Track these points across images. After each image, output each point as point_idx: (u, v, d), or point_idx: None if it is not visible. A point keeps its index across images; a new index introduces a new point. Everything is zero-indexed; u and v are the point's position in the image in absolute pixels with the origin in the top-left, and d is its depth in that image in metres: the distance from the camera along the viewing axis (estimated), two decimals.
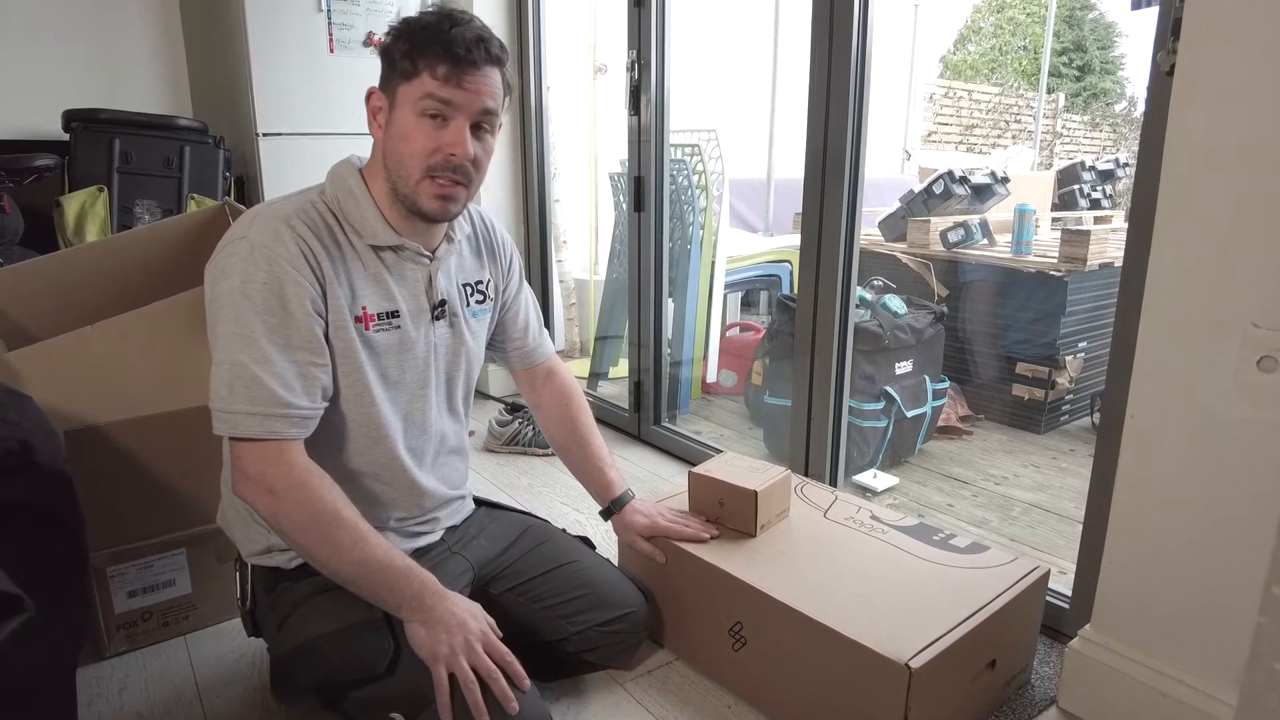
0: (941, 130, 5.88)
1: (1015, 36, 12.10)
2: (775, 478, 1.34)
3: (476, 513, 1.33)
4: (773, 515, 1.36)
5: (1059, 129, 6.68)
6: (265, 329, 0.95)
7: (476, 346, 1.21)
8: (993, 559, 1.30)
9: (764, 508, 1.32)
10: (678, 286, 2.65)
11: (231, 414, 0.95)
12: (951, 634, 1.10)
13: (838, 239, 1.73)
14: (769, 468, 1.38)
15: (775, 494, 1.34)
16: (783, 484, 1.36)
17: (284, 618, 1.06)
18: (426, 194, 1.02)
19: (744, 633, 1.25)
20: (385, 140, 1.03)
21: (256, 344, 0.95)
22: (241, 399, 0.95)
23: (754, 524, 1.31)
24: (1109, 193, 4.02)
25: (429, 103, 0.98)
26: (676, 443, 2.29)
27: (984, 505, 2.08)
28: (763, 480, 1.33)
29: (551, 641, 1.23)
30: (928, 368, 2.29)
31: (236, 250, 0.96)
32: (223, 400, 0.96)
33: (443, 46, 0.97)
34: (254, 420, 0.95)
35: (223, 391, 0.95)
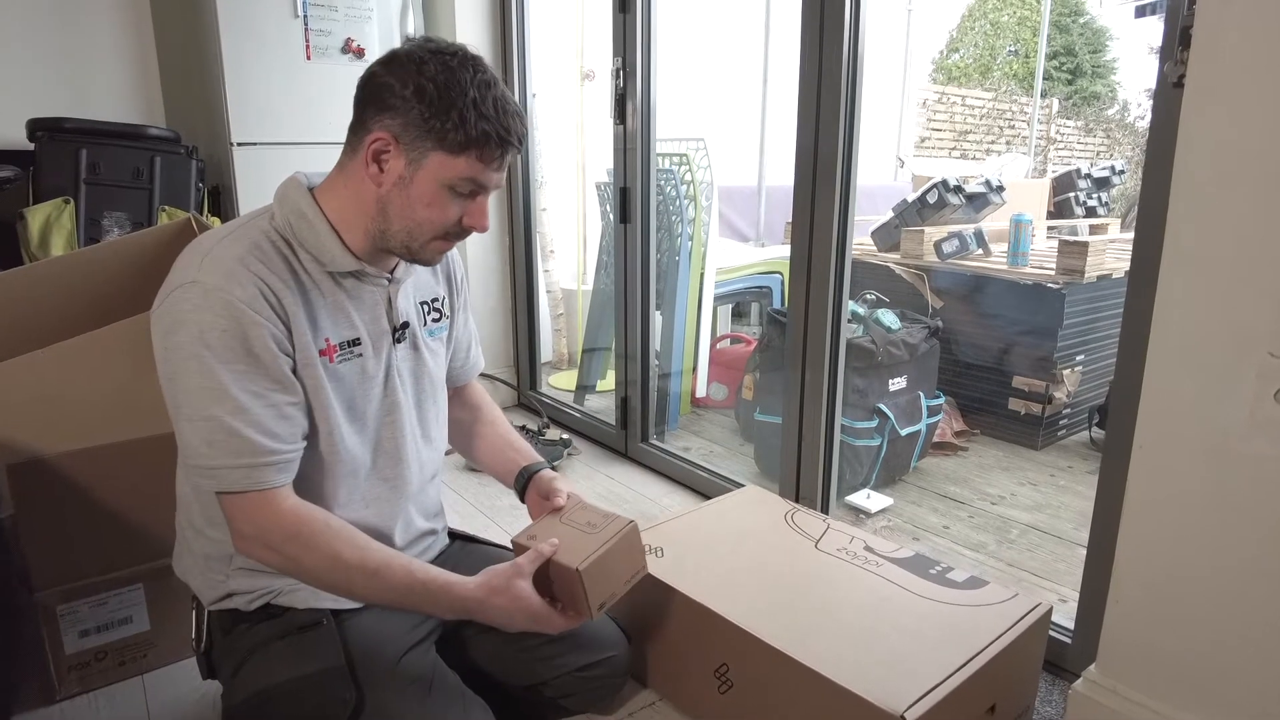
0: (935, 136, 5.84)
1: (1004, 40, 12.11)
2: (610, 541, 1.03)
3: (450, 548, 1.26)
4: (617, 586, 1.06)
5: (1052, 134, 6.65)
6: (233, 377, 0.89)
7: (437, 367, 1.15)
8: (992, 595, 1.23)
9: (595, 586, 1.01)
10: (666, 298, 2.58)
11: (215, 470, 0.90)
12: (949, 680, 1.04)
13: (829, 250, 1.67)
14: (611, 521, 1.07)
15: (612, 564, 1.04)
16: (623, 547, 1.05)
17: (239, 664, 0.99)
18: (433, 251, 1.00)
19: (730, 675, 1.18)
20: (392, 193, 0.95)
21: (228, 395, 0.89)
22: (222, 454, 0.89)
23: (587, 606, 1.01)
24: (1104, 200, 3.98)
25: (467, 184, 0.95)
26: (665, 461, 2.22)
27: (981, 527, 2.02)
28: (593, 547, 1.02)
29: (527, 686, 1.16)
30: (922, 383, 2.23)
31: (189, 297, 0.89)
32: (203, 457, 0.90)
33: (497, 131, 0.93)
34: (239, 474, 0.90)
35: (202, 449, 0.90)
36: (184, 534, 1.07)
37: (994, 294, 2.65)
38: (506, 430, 1.29)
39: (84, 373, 1.30)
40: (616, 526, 1.06)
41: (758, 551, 1.35)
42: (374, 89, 0.93)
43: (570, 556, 1.01)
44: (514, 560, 1.00)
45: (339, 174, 0.99)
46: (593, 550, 1.02)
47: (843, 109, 1.60)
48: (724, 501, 1.55)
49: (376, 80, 0.93)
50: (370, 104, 0.94)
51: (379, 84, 0.93)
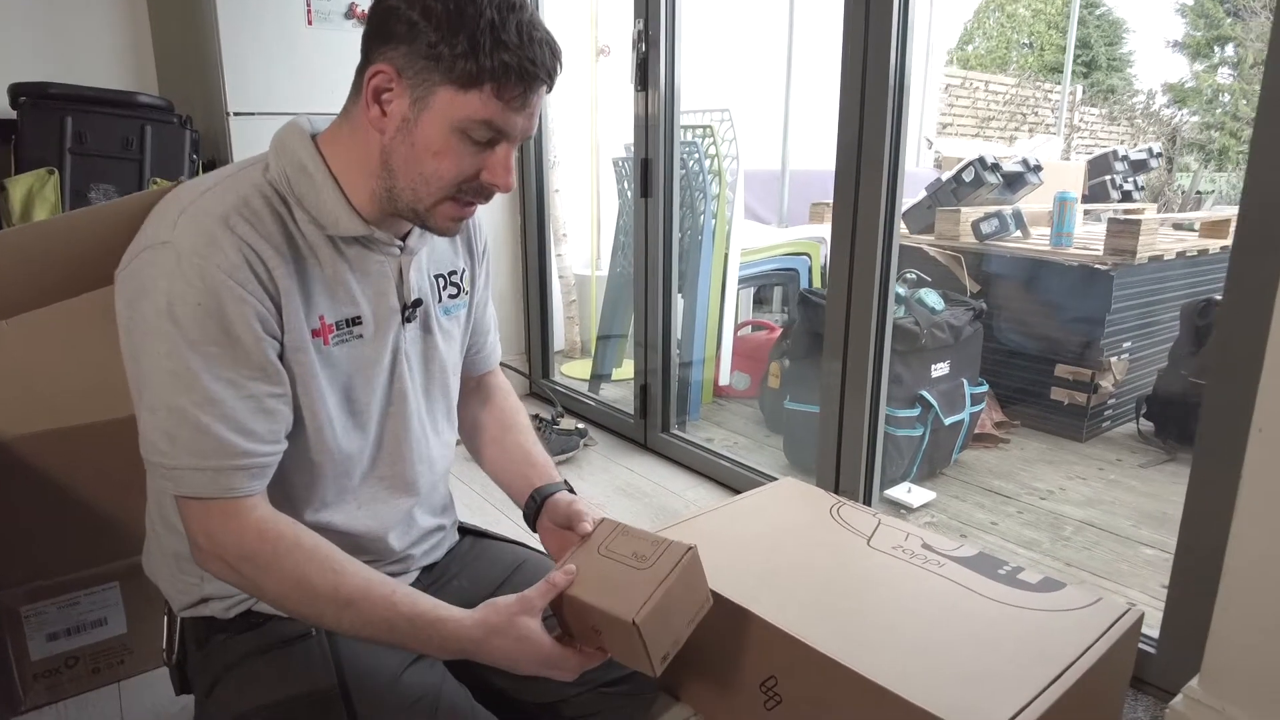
0: (957, 122, 5.68)
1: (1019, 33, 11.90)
2: (668, 577, 0.82)
3: (459, 545, 1.12)
4: (680, 630, 0.86)
5: (1076, 122, 6.47)
6: (205, 362, 0.74)
7: (451, 351, 0.99)
8: (1072, 599, 1.09)
9: (657, 637, 0.81)
10: (688, 280, 2.44)
11: (176, 471, 0.75)
12: (1039, 700, 0.89)
13: (875, 229, 1.52)
14: (663, 550, 0.86)
15: (673, 606, 0.83)
16: (683, 582, 0.84)
17: (212, 682, 0.85)
18: (443, 216, 0.81)
19: (778, 689, 1.04)
20: (396, 141, 0.79)
21: (197, 383, 0.74)
22: (185, 452, 0.75)
23: (648, 661, 0.82)
24: (1140, 184, 3.81)
25: (483, 129, 0.77)
26: (688, 452, 2.08)
27: (1032, 524, 1.87)
28: (646, 588, 0.81)
29: (545, 704, 1.02)
30: (965, 369, 2.08)
31: (158, 260, 0.74)
32: (163, 455, 0.75)
33: (518, 61, 0.75)
34: (204, 478, 0.75)
35: (161, 444, 0.75)
36: (153, 528, 0.94)
37: (1036, 277, 2.49)
38: (525, 438, 1.08)
39: (53, 346, 1.17)
40: (672, 557, 0.84)
41: (803, 550, 1.21)
42: (379, 15, 0.77)
43: (619, 602, 0.80)
44: (521, 594, 0.83)
45: (343, 120, 0.83)
46: (648, 593, 0.80)
47: (891, 81, 1.46)
48: (759, 495, 1.41)
49: (383, 4, 0.77)
50: (374, 34, 0.78)
51: (384, 8, 0.77)
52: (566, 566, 0.86)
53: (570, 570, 0.85)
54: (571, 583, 0.84)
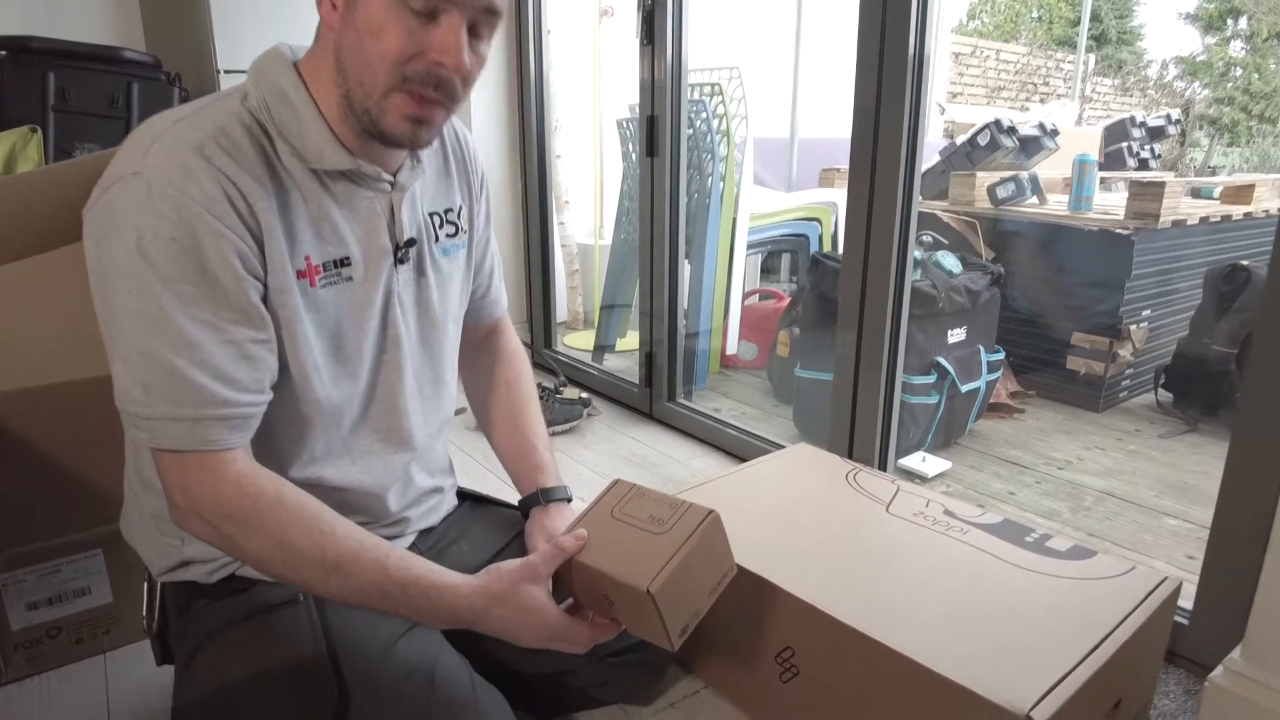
0: (967, 92, 5.56)
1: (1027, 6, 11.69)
2: (686, 543, 0.76)
3: (458, 510, 1.06)
4: (700, 601, 0.80)
5: (1088, 93, 6.33)
6: (179, 303, 0.68)
7: (447, 297, 0.92)
8: (1105, 568, 1.03)
9: (674, 608, 0.75)
10: (694, 246, 2.36)
11: (151, 421, 0.69)
12: (1077, 672, 0.83)
13: (894, 189, 1.45)
14: (681, 513, 0.79)
15: (693, 574, 0.77)
16: (703, 548, 0.78)
17: (193, 651, 0.80)
18: (395, 112, 0.72)
19: (795, 661, 0.99)
20: (344, 33, 0.72)
21: (170, 325, 0.68)
22: (161, 401, 0.68)
23: (665, 634, 0.76)
24: (1156, 152, 3.71)
25: None
26: (694, 421, 2.02)
27: (1050, 494, 1.81)
28: (663, 554, 0.75)
29: (550, 674, 0.97)
30: (982, 336, 2.01)
31: (128, 194, 0.68)
32: (137, 404, 0.69)
33: None
34: (180, 428, 0.69)
35: (135, 392, 0.69)
36: (131, 487, 0.88)
37: (1053, 242, 2.42)
38: (532, 423, 1.03)
39: (28, 301, 1.11)
40: (692, 521, 0.78)
41: (820, 517, 1.15)
42: None
43: (633, 570, 0.74)
44: (525, 559, 0.77)
45: (314, 39, 0.77)
46: (664, 560, 0.74)
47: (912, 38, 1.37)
48: (772, 461, 1.35)
49: None
50: None
51: None
52: (577, 531, 0.80)
53: (580, 535, 0.79)
54: (581, 548, 0.78)
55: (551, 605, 0.77)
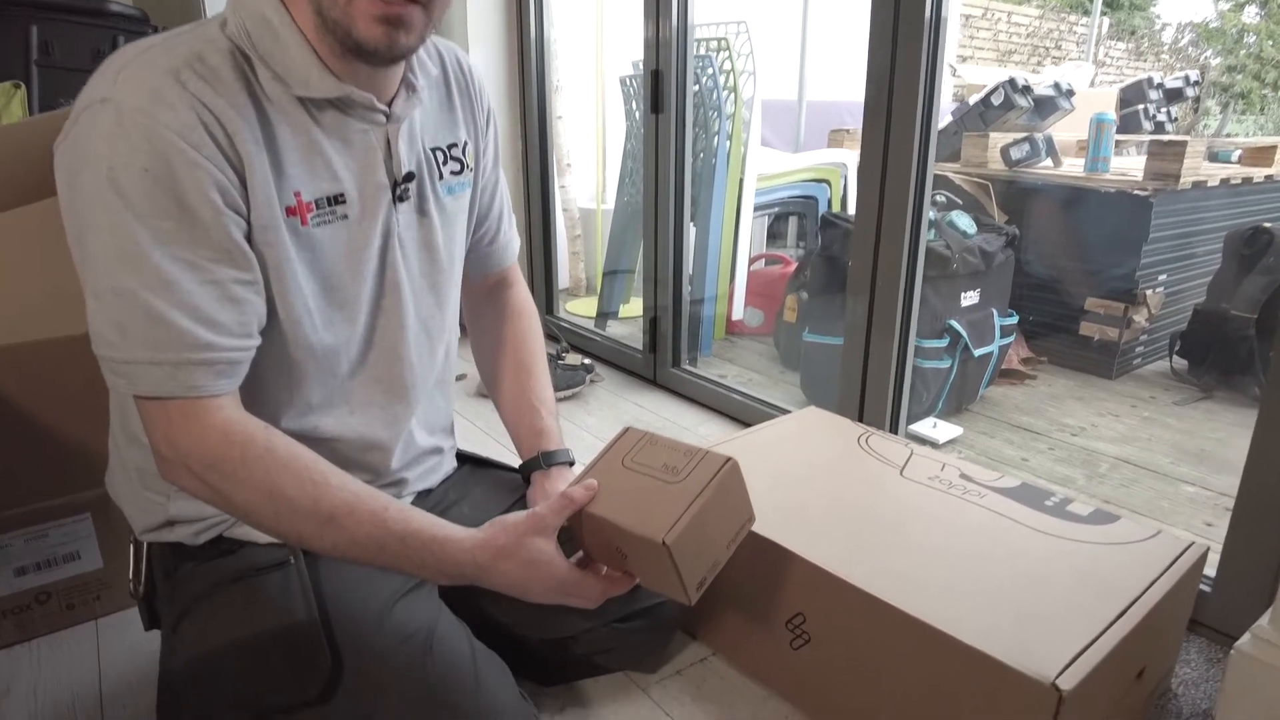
0: (977, 55, 5.43)
1: None
2: (703, 492, 0.72)
3: (458, 472, 1.02)
4: (719, 552, 0.77)
5: (1101, 57, 6.20)
6: (155, 239, 0.63)
7: (452, 239, 0.87)
8: (1128, 532, 0.99)
9: (691, 560, 0.71)
10: (700, 208, 2.30)
11: (129, 366, 0.65)
12: (1102, 640, 0.80)
13: (909, 149, 1.39)
14: (698, 461, 0.75)
15: (710, 524, 0.74)
16: (720, 498, 0.74)
17: (179, 615, 0.77)
18: (363, 17, 0.66)
19: (807, 627, 0.95)
20: None
21: (146, 263, 0.63)
22: (138, 344, 0.64)
23: (682, 588, 0.73)
24: (1173, 115, 3.62)
25: None
26: (700, 387, 1.98)
27: (1064, 460, 1.77)
28: (679, 504, 0.71)
29: (553, 640, 0.93)
30: (995, 299, 1.96)
31: (97, 121, 0.63)
32: (113, 347, 0.65)
33: None
34: (160, 372, 0.65)
35: (110, 335, 0.65)
36: (115, 440, 0.84)
37: (1068, 204, 2.35)
38: (537, 385, 0.99)
39: (9, 256, 1.06)
40: (709, 469, 0.74)
41: (831, 481, 1.11)
42: None
43: (647, 521, 0.70)
44: (531, 510, 0.73)
45: None
46: (680, 510, 0.70)
47: None
48: (781, 425, 1.31)
49: None
50: None
51: None
52: (586, 481, 0.75)
53: (590, 485, 0.75)
54: (592, 498, 0.74)
55: (560, 558, 0.73)
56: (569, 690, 1.00)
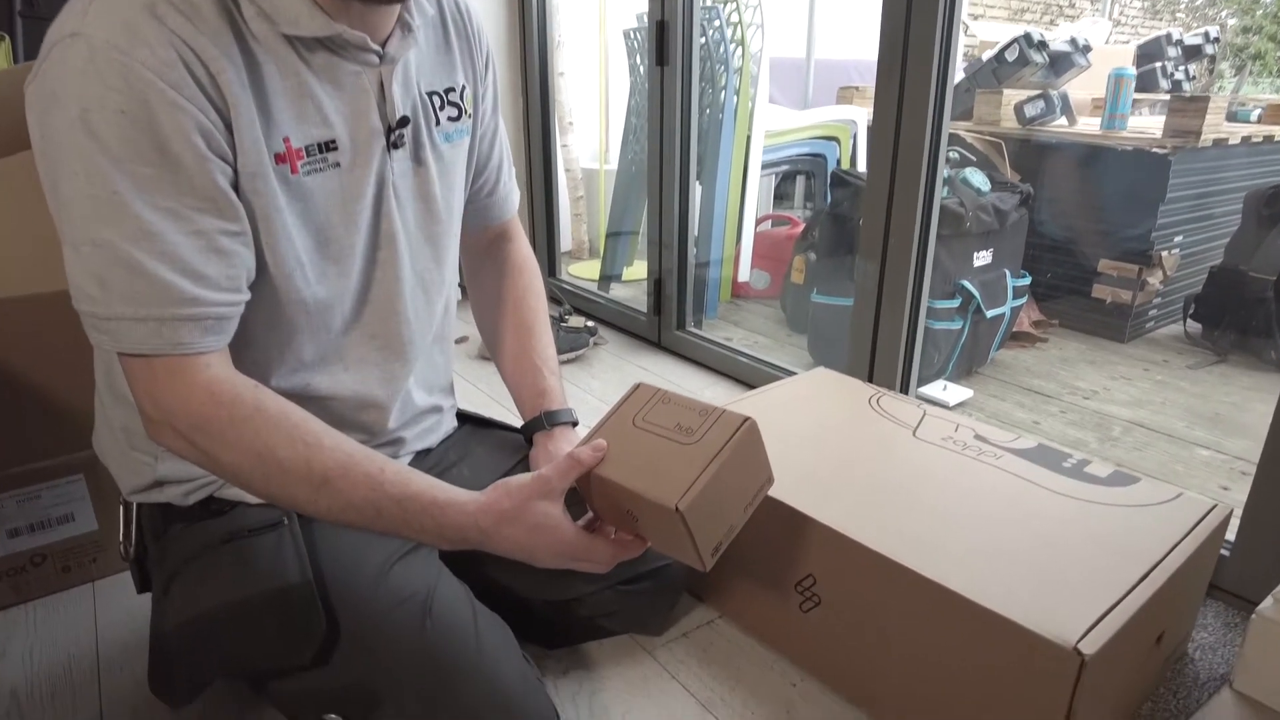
0: (988, 14, 5.30)
1: None
2: (720, 454, 0.68)
3: (458, 432, 0.99)
4: (734, 516, 0.73)
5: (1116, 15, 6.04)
6: (135, 186, 0.59)
7: (449, 188, 0.83)
8: (1149, 494, 0.96)
9: (705, 525, 0.68)
10: (706, 166, 2.25)
11: (110, 322, 0.61)
12: (1125, 604, 0.77)
13: (925, 102, 1.33)
14: (713, 420, 0.71)
15: (727, 487, 0.69)
16: (738, 460, 0.69)
17: (169, 578, 0.74)
18: None
19: (817, 590, 0.93)
20: None
21: (126, 212, 0.59)
22: (120, 299, 0.60)
23: (696, 554, 0.69)
24: (1191, 74, 3.52)
25: None
26: (705, 350, 1.94)
27: (1077, 423, 1.74)
28: (694, 467, 0.67)
29: (557, 602, 0.91)
30: (1008, 259, 1.91)
31: (67, 58, 0.58)
32: (93, 301, 0.61)
33: None
34: (144, 329, 0.61)
35: (90, 289, 0.61)
36: (101, 398, 0.81)
37: (1083, 163, 2.29)
38: (539, 344, 0.95)
39: None
40: (725, 429, 0.69)
41: (843, 441, 1.08)
42: None
43: (659, 485, 0.66)
44: (537, 472, 0.70)
45: None
46: (695, 473, 0.66)
47: None
48: (791, 385, 1.27)
49: None
50: None
51: None
52: (595, 441, 0.71)
53: (599, 445, 0.71)
54: (600, 460, 0.70)
55: (567, 522, 0.69)
56: (573, 653, 0.99)
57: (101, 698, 0.92)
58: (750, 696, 0.92)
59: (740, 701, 0.92)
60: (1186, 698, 0.92)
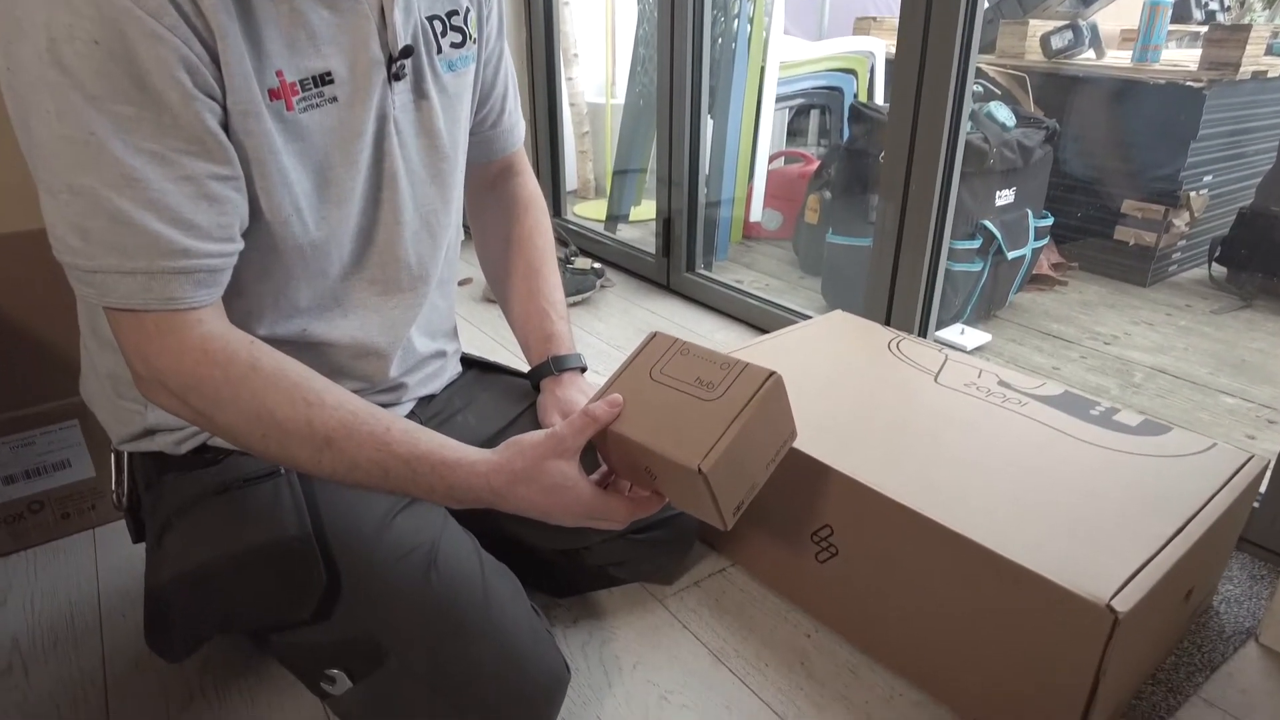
0: None
1: None
2: (744, 411, 0.63)
3: (463, 377, 0.95)
4: (758, 473, 0.69)
5: None
6: (115, 127, 0.53)
7: (454, 121, 0.77)
8: (1183, 444, 0.92)
9: (728, 484, 0.64)
10: (718, 98, 2.15)
11: (95, 275, 0.57)
12: (1160, 559, 0.74)
13: (952, 31, 1.25)
14: (736, 373, 0.66)
15: (751, 445, 0.65)
16: (762, 416, 0.65)
17: (162, 529, 0.71)
18: None
19: (834, 540, 0.90)
20: None
21: (105, 155, 0.54)
22: (104, 249, 0.56)
23: (718, 513, 0.65)
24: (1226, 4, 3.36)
25: None
26: (715, 293, 1.89)
27: (1097, 369, 1.70)
28: (718, 424, 0.63)
29: (566, 550, 0.89)
30: (1031, 199, 1.84)
31: None
32: (74, 253, 0.56)
33: None
34: (132, 282, 0.57)
35: (71, 239, 0.56)
36: (86, 343, 0.77)
37: (1112, 98, 2.19)
38: (546, 287, 0.90)
39: None
40: (749, 384, 0.65)
41: (862, 387, 1.04)
42: None
43: (680, 444, 0.62)
44: (551, 430, 0.66)
45: None
46: (718, 432, 0.62)
47: None
48: (807, 328, 1.23)
49: None
50: None
51: None
52: (610, 396, 0.67)
53: (615, 401, 0.67)
54: (617, 416, 0.66)
55: (583, 482, 0.65)
56: (583, 601, 0.97)
57: (104, 646, 0.91)
58: (763, 647, 0.90)
59: (753, 652, 0.90)
60: (1211, 652, 0.90)
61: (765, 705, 0.83)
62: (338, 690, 0.68)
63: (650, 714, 0.82)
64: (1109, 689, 0.72)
